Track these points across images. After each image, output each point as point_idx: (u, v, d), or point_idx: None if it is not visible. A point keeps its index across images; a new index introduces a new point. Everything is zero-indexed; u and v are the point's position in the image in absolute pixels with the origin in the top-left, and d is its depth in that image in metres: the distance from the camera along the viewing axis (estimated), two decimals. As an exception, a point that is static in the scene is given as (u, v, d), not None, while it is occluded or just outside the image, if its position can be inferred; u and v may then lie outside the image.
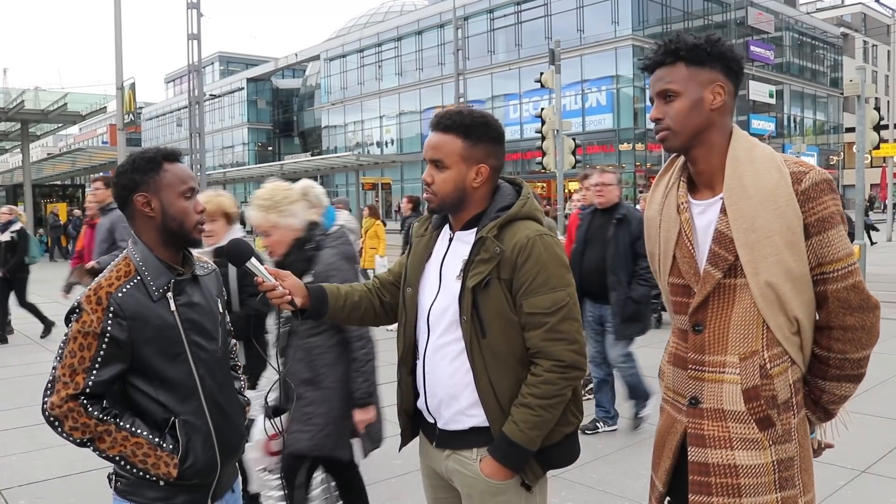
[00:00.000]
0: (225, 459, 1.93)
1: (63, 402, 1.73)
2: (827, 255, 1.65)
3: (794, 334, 1.71)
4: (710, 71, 1.71)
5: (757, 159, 1.69)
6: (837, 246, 1.64)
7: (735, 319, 1.71)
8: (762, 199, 1.65)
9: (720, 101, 1.72)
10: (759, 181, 1.66)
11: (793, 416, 1.71)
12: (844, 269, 1.65)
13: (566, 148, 17.03)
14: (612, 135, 38.55)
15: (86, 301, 1.78)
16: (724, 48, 1.72)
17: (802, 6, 56.17)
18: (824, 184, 1.65)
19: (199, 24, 22.33)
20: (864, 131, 16.17)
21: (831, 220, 1.64)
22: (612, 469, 4.26)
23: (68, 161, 33.46)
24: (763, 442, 1.69)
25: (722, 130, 1.74)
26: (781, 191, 1.64)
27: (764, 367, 1.69)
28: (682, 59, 1.72)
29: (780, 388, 1.69)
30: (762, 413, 1.69)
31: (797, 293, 1.67)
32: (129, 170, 1.87)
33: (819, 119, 52.65)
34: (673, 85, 1.73)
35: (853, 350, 1.69)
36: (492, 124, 1.93)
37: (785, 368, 1.71)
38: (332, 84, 53.56)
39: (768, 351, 1.70)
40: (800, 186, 1.64)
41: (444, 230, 2.01)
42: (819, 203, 1.64)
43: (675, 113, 1.73)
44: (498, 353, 1.84)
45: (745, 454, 1.69)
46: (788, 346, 1.71)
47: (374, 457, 4.53)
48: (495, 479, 1.86)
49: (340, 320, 2.12)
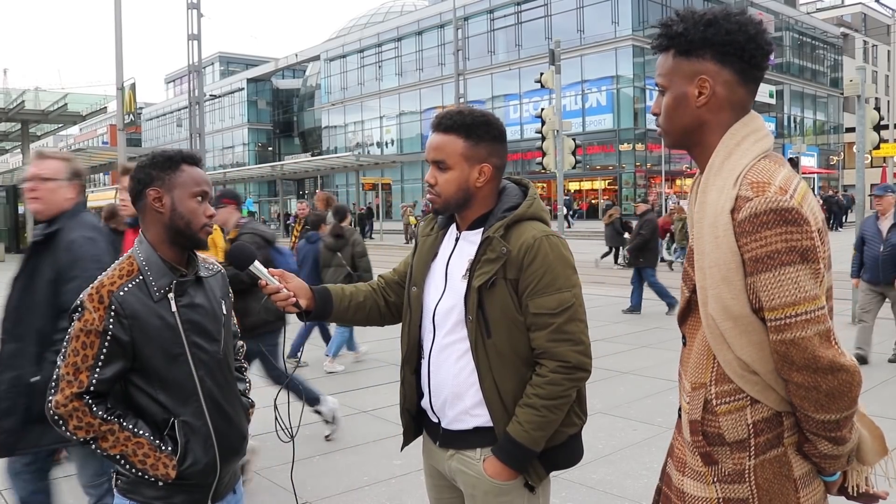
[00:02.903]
0: (225, 461, 1.92)
1: (68, 401, 1.74)
2: (763, 299, 1.41)
3: (751, 374, 1.47)
4: (696, 61, 1.50)
5: (724, 171, 1.48)
6: (774, 292, 1.38)
7: (697, 343, 1.56)
8: (710, 223, 1.45)
9: (705, 97, 1.50)
10: (714, 200, 1.46)
11: (748, 458, 1.49)
12: (780, 321, 1.38)
13: (566, 148, 17.01)
14: (613, 135, 38.54)
15: (88, 299, 1.78)
16: (711, 32, 1.48)
17: (802, 6, 56.17)
18: (769, 215, 1.37)
19: (199, 24, 22.37)
20: (864, 131, 16.16)
21: (769, 260, 1.37)
22: (613, 470, 4.26)
23: (68, 161, 33.42)
24: (707, 476, 1.54)
25: (718, 128, 1.52)
26: (721, 218, 1.43)
27: (709, 402, 1.51)
28: (671, 46, 1.54)
29: (728, 426, 1.49)
30: (703, 449, 1.54)
31: (740, 333, 1.45)
32: (147, 164, 1.90)
33: (819, 119, 52.67)
34: (661, 78, 1.57)
35: (812, 409, 1.42)
36: (493, 123, 1.92)
37: (739, 407, 1.48)
38: (332, 84, 53.56)
39: (716, 386, 1.50)
40: (738, 215, 1.41)
41: (450, 230, 2.01)
42: (755, 239, 1.38)
43: (664, 110, 1.57)
44: (503, 353, 1.84)
45: (691, 483, 1.58)
46: (744, 385, 1.48)
47: (374, 457, 4.54)
48: (498, 479, 1.86)
49: (345, 321, 2.12)
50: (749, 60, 1.50)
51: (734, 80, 1.51)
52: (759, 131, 1.53)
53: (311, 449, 4.68)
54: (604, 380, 6.24)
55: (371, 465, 4.44)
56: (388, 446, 4.73)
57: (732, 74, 1.50)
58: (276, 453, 4.29)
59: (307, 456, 4.54)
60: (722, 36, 1.48)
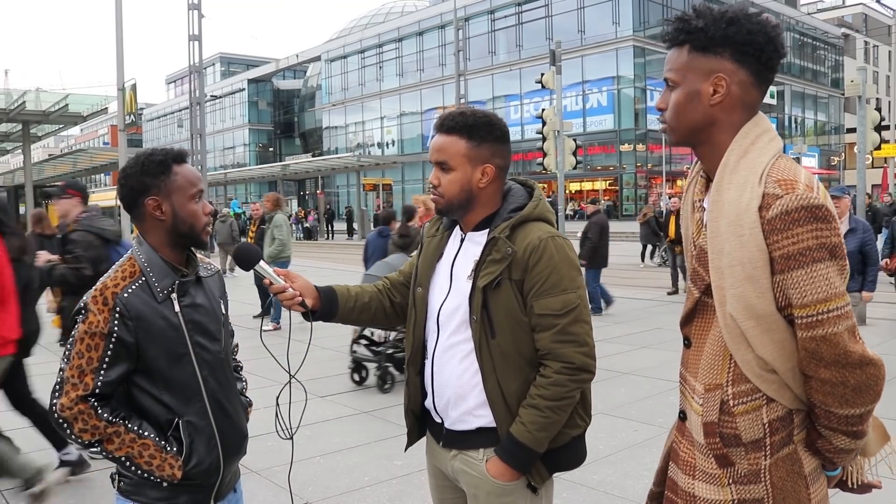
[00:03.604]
0: (228, 460, 1.93)
1: (73, 404, 1.73)
2: (793, 297, 1.41)
3: (770, 372, 1.47)
4: (713, 59, 1.48)
5: (742, 169, 1.46)
6: (806, 289, 1.38)
7: (709, 344, 1.55)
8: (730, 221, 1.44)
9: (720, 95, 1.49)
10: (735, 198, 1.44)
11: (764, 457, 1.50)
12: (812, 318, 1.39)
13: (567, 149, 17.03)
14: (613, 135, 38.55)
15: (92, 302, 1.78)
16: (733, 30, 1.47)
17: (803, 7, 56.17)
18: (800, 212, 1.37)
19: (200, 24, 22.36)
20: (865, 132, 16.18)
21: (801, 257, 1.38)
22: (614, 470, 4.26)
23: (69, 162, 33.50)
24: (721, 479, 1.53)
25: (729, 128, 1.51)
26: (748, 216, 1.42)
27: (726, 403, 1.50)
28: (686, 41, 1.51)
29: (745, 427, 1.49)
30: (719, 451, 1.53)
31: (763, 332, 1.44)
32: (137, 172, 1.87)
33: (820, 120, 52.66)
34: (672, 73, 1.55)
35: (836, 405, 1.43)
36: (495, 124, 1.93)
37: (756, 406, 1.49)
38: (332, 85, 53.59)
39: (733, 387, 1.50)
40: (767, 213, 1.40)
41: (456, 231, 2.02)
42: (787, 236, 1.38)
43: (672, 106, 1.55)
44: (507, 354, 1.85)
45: (703, 486, 1.56)
46: (762, 384, 1.48)
47: (376, 458, 4.54)
48: (501, 479, 1.86)
49: (350, 321, 2.12)
50: (766, 62, 1.49)
51: (749, 80, 1.50)
52: (771, 131, 1.53)
53: (313, 449, 4.68)
54: (604, 380, 6.24)
55: (372, 465, 4.45)
56: (388, 447, 4.74)
57: (748, 75, 1.49)
58: (276, 453, 4.30)
59: (308, 456, 4.55)
60: (743, 35, 1.47)
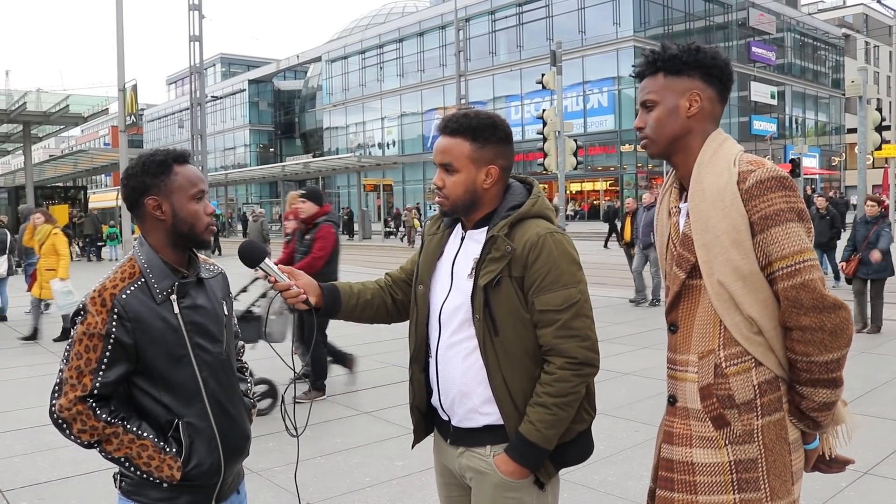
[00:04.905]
0: (229, 461, 1.93)
1: (72, 405, 1.74)
2: (772, 252, 1.64)
3: (756, 334, 1.69)
4: (687, 79, 1.77)
5: (717, 161, 1.72)
6: (783, 243, 1.63)
7: (698, 319, 1.75)
8: (713, 200, 1.68)
9: (696, 107, 1.76)
10: (714, 181, 1.70)
11: (756, 418, 1.69)
12: (790, 267, 1.63)
13: (568, 149, 17.05)
14: (614, 136, 38.55)
15: (90, 303, 1.78)
16: (701, 56, 1.76)
17: (804, 7, 56.17)
18: (771, 181, 1.65)
19: (200, 25, 22.42)
20: (865, 132, 16.19)
21: (776, 217, 1.63)
22: (614, 471, 4.26)
23: (70, 163, 33.56)
24: (718, 441, 1.70)
25: (701, 136, 1.78)
26: (728, 190, 1.67)
27: (719, 365, 1.70)
28: (661, 69, 1.79)
29: (737, 387, 1.69)
30: (715, 412, 1.70)
31: (749, 292, 1.66)
32: (139, 172, 1.87)
33: (821, 120, 52.65)
34: (651, 95, 1.81)
35: (816, 352, 1.64)
36: (499, 125, 1.94)
37: (746, 368, 1.69)
38: (333, 85, 53.62)
39: (724, 350, 1.70)
40: (744, 185, 1.66)
41: (456, 229, 2.03)
42: (763, 200, 1.64)
43: (653, 121, 1.80)
44: (511, 351, 1.86)
45: (701, 452, 1.72)
46: (750, 346, 1.69)
47: (376, 458, 4.54)
48: (512, 478, 1.87)
49: (353, 318, 2.14)
50: (725, 83, 1.81)
51: (715, 97, 1.80)
52: (731, 139, 1.81)
53: (313, 450, 4.67)
54: (605, 381, 6.24)
55: (373, 465, 4.45)
56: (389, 447, 4.74)
57: (714, 93, 1.80)
58: (278, 454, 4.30)
59: (309, 457, 4.54)
60: (708, 60, 1.78)
